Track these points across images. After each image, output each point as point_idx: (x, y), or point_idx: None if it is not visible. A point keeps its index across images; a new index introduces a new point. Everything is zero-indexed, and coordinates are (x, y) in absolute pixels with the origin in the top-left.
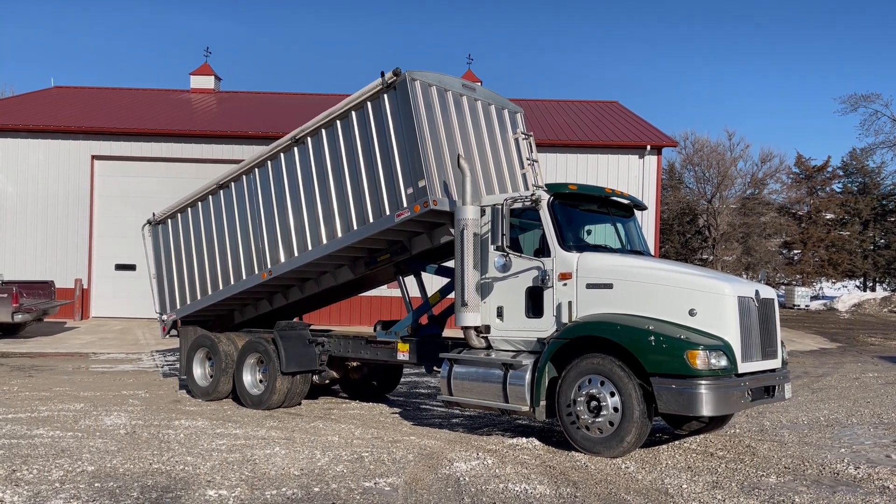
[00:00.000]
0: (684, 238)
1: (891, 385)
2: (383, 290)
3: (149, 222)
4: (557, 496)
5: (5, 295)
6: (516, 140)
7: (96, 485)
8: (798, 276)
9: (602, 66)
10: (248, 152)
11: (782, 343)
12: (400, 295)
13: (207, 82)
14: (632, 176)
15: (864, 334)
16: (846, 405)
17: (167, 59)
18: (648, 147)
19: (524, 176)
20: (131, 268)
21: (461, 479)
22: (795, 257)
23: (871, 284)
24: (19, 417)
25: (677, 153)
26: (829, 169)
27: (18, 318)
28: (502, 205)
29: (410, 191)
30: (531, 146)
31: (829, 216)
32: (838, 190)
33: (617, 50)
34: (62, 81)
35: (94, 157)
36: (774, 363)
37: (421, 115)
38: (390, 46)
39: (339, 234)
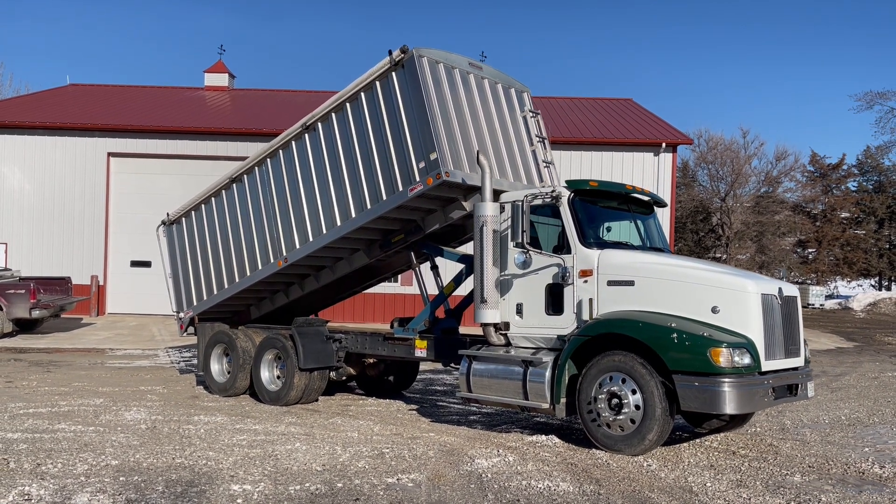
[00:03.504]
0: (697, 236)
1: None
2: (396, 288)
3: (163, 223)
4: (581, 493)
5: (23, 291)
6: (524, 118)
7: (121, 479)
8: (813, 274)
9: (614, 63)
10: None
11: (804, 341)
12: (413, 292)
13: (221, 80)
14: (647, 173)
15: (881, 333)
16: (867, 404)
17: (181, 57)
18: (663, 144)
19: (534, 153)
20: (146, 264)
21: (483, 475)
22: (810, 256)
23: (886, 283)
24: (40, 412)
25: (691, 151)
26: (844, 167)
27: (36, 313)
28: (522, 201)
29: (422, 165)
30: (539, 124)
31: (844, 215)
32: (853, 188)
33: (629, 48)
34: (77, 79)
35: (109, 155)
36: (797, 361)
37: (430, 90)
38: (404, 40)
39: (353, 215)
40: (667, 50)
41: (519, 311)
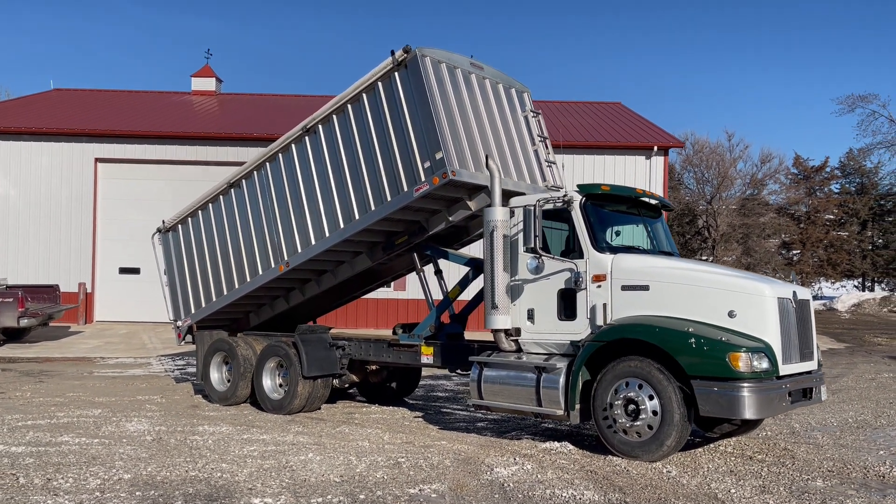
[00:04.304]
0: (684, 239)
1: None
2: (389, 293)
3: (158, 230)
4: (607, 502)
5: (10, 299)
6: (525, 118)
7: (137, 493)
8: (797, 276)
9: (599, 68)
10: (251, 154)
11: (817, 344)
12: (406, 297)
13: (208, 84)
14: (639, 176)
15: (870, 334)
16: (870, 406)
17: (168, 62)
18: (655, 148)
19: (536, 152)
20: (135, 271)
21: (505, 484)
22: (794, 258)
23: (869, 284)
24: (39, 424)
25: (677, 154)
26: (828, 169)
27: (24, 322)
28: (534, 206)
29: (428, 164)
30: (541, 124)
31: (827, 216)
32: (836, 190)
33: (614, 51)
34: (60, 84)
35: (97, 160)
36: (811, 365)
37: (434, 89)
38: (392, 46)
39: (357, 217)
40: (652, 54)
41: (530, 316)
